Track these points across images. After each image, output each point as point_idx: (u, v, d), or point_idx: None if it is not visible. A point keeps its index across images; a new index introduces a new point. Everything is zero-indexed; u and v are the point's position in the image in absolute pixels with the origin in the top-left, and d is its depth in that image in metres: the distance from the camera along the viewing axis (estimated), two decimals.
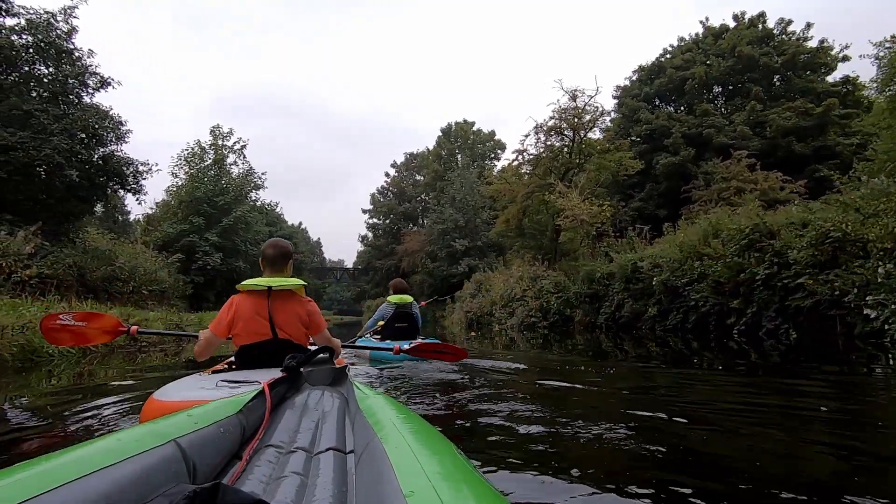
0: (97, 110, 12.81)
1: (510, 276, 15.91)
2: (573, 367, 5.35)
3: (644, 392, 3.73)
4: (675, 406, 2.92)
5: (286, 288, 2.46)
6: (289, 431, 1.29)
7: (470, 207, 28.14)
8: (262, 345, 2.40)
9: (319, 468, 1.04)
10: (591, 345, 9.51)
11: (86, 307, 9.62)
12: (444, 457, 0.81)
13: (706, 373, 5.10)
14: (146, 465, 0.82)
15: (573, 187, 13.28)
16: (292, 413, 1.44)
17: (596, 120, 15.10)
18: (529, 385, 4.03)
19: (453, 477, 0.70)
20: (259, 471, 1.02)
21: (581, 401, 3.34)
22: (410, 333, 5.63)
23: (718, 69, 26.11)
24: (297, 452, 1.13)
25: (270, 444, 1.19)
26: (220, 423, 1.13)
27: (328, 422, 1.38)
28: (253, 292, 2.44)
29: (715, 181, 22.13)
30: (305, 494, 0.91)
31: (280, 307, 2.43)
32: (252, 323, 2.40)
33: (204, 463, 0.98)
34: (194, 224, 20.69)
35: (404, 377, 4.31)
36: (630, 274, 11.77)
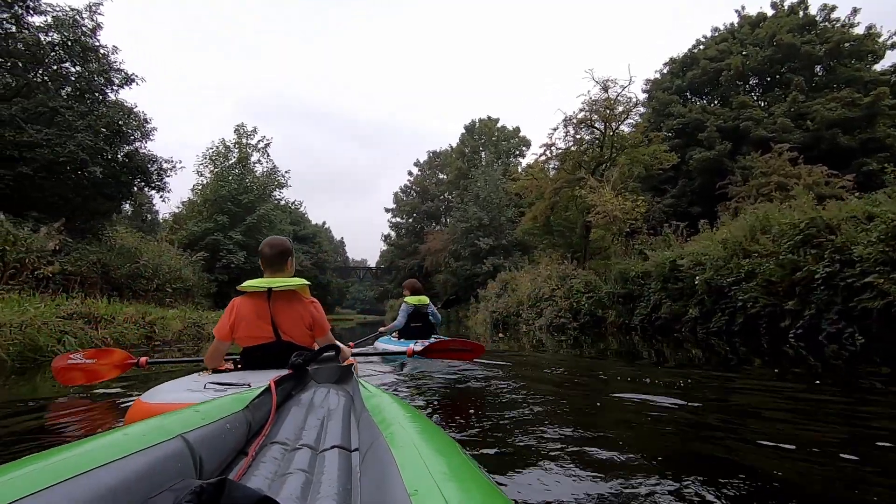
0: (121, 107, 12.78)
1: (538, 275, 15.32)
2: (597, 368, 5.01)
3: (682, 395, 3.31)
4: (720, 415, 2.69)
5: (287, 288, 2.34)
6: (294, 428, 1.31)
7: (494, 205, 27.54)
8: (265, 347, 2.33)
9: (324, 465, 1.05)
10: (625, 347, 8.90)
11: (108, 304, 9.51)
12: (449, 456, 0.80)
13: (756, 379, 4.48)
14: (153, 459, 0.82)
15: (605, 182, 12.60)
16: (298, 410, 1.45)
17: (629, 111, 14.36)
18: (546, 385, 3.81)
19: (458, 476, 0.70)
20: (265, 467, 1.04)
21: (600, 401, 3.20)
22: (426, 333, 5.75)
23: (756, 59, 24.90)
24: (303, 449, 1.14)
25: (276, 440, 1.21)
26: (227, 419, 1.14)
27: (333, 419, 1.39)
28: (253, 294, 2.35)
29: (753, 176, 21.04)
30: (310, 491, 0.92)
31: (282, 309, 2.34)
32: (253, 325, 2.32)
33: (210, 458, 0.98)
34: (218, 222, 20.73)
35: (412, 376, 4.26)
36: (668, 273, 11.07)
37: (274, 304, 2.34)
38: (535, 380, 4.17)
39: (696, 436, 2.31)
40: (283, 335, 2.34)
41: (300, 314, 2.37)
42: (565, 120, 14.86)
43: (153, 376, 4.07)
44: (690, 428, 2.44)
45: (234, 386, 1.84)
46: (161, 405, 1.71)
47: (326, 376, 1.91)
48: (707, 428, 2.45)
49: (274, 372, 1.92)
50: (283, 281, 2.36)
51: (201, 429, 1.01)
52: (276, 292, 2.34)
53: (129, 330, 7.39)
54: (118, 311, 8.01)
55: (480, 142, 35.15)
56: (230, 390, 1.74)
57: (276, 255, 2.45)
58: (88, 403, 2.97)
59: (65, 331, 5.42)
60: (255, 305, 2.34)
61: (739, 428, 2.42)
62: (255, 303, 2.34)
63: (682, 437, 2.31)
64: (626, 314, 12.45)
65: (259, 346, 2.34)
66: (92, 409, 2.80)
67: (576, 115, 14.63)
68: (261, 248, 2.51)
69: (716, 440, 2.22)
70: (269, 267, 2.46)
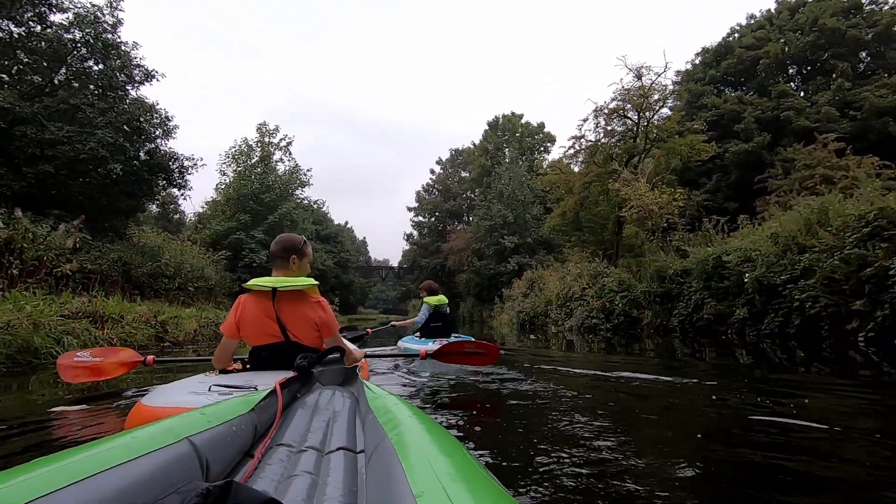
0: (142, 103, 12.63)
1: (567, 273, 14.63)
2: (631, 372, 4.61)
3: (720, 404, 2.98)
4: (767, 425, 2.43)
5: (293, 288, 2.26)
6: (300, 430, 1.32)
7: (519, 203, 26.82)
8: (273, 347, 2.27)
9: (330, 467, 1.06)
10: (663, 350, 8.21)
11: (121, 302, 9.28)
12: (456, 458, 0.79)
13: (836, 391, 3.76)
14: (160, 462, 0.83)
15: (639, 174, 11.84)
16: (304, 412, 1.47)
17: (665, 100, 13.52)
18: (564, 388, 3.67)
19: (464, 478, 0.70)
20: (271, 469, 1.05)
21: (618, 405, 3.09)
22: (445, 332, 5.93)
23: (797, 46, 23.58)
24: (308, 451, 1.15)
25: (282, 442, 1.21)
26: (233, 422, 1.14)
27: (339, 421, 1.41)
28: (259, 293, 2.27)
29: (796, 169, 19.90)
30: (316, 493, 0.92)
31: (288, 309, 2.27)
32: (259, 325, 2.26)
33: (217, 461, 0.99)
34: (241, 221, 20.63)
35: (420, 377, 4.31)
36: (711, 270, 10.27)
37: (279, 304, 2.25)
38: (553, 381, 4.00)
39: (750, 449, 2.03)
40: (290, 336, 2.26)
41: (306, 315, 2.28)
42: (596, 110, 14.14)
43: (160, 376, 3.91)
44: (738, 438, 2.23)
45: (238, 388, 1.75)
46: (163, 409, 1.65)
47: (331, 378, 1.92)
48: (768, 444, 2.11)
49: (281, 373, 1.86)
50: (289, 280, 2.28)
51: (207, 431, 1.02)
52: (282, 292, 2.25)
53: (138, 330, 7.08)
54: (129, 309, 7.72)
55: (504, 138, 34.36)
56: (235, 393, 1.67)
57: (279, 252, 2.38)
58: (86, 408, 2.88)
59: (67, 331, 5.06)
60: (261, 305, 2.26)
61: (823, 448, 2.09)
62: (261, 302, 2.26)
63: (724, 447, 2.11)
64: (664, 315, 11.68)
65: (266, 346, 2.28)
66: (91, 414, 2.69)
67: (607, 105, 13.89)
68: (270, 245, 2.48)
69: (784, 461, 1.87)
70: (276, 265, 2.41)
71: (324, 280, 36.28)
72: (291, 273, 2.40)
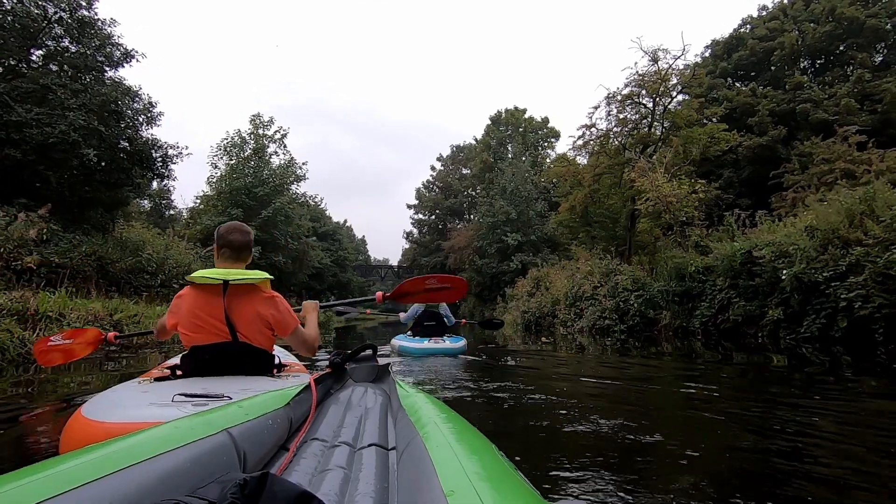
0: (119, 85, 11.71)
1: (576, 270, 13.71)
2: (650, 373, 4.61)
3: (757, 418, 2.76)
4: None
5: (248, 282, 2.00)
6: (333, 426, 1.34)
7: (522, 199, 25.86)
8: (218, 348, 1.98)
9: (362, 463, 1.06)
10: (685, 354, 7.40)
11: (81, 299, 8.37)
12: (485, 456, 0.80)
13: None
14: (200, 452, 0.84)
15: (657, 164, 10.94)
16: (337, 408, 1.49)
17: (684, 84, 12.58)
18: (584, 388, 3.74)
19: (494, 477, 0.70)
20: (305, 463, 1.07)
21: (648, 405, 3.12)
22: (439, 331, 6.08)
23: (813, 36, 22.65)
24: (341, 447, 1.16)
25: (316, 437, 1.24)
26: (269, 416, 1.16)
27: (371, 418, 1.42)
28: (205, 286, 2.00)
29: (814, 163, 19.01)
30: (349, 488, 0.93)
31: (238, 305, 1.99)
32: (203, 322, 1.97)
33: (253, 453, 1.00)
34: (232, 216, 19.69)
35: (447, 374, 4.26)
36: (739, 267, 9.37)
37: (230, 300, 1.99)
38: (581, 383, 3.94)
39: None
40: (239, 335, 1.99)
41: (259, 312, 2.03)
42: (608, 97, 13.21)
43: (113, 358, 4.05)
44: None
45: (210, 398, 1.51)
46: (123, 425, 1.36)
47: (364, 375, 1.92)
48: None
49: (241, 378, 1.80)
50: (243, 273, 2.01)
51: (245, 424, 1.03)
52: (234, 286, 2.00)
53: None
54: (79, 306, 6.80)
55: (507, 133, 33.43)
56: (211, 404, 1.45)
57: (242, 243, 2.14)
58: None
59: None
60: (207, 299, 1.99)
61: None
62: (208, 297, 2.00)
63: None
64: (684, 315, 10.77)
65: (209, 346, 2.00)
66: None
67: (620, 92, 12.97)
68: (222, 233, 2.15)
69: None
70: (231, 256, 2.12)
71: (321, 278, 35.37)
72: (242, 268, 2.13)
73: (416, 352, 5.67)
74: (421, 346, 5.78)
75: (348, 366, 1.90)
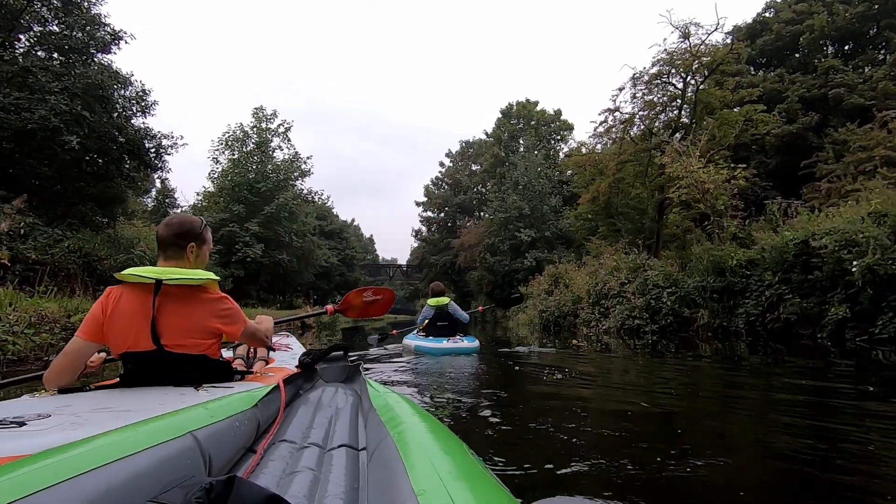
0: (106, 69, 10.88)
1: (599, 266, 12.69)
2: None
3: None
4: None
5: (186, 282, 1.73)
6: (302, 427, 1.31)
7: (536, 193, 24.80)
8: (141, 357, 1.72)
9: (332, 464, 1.05)
10: (725, 356, 6.49)
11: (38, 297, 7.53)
12: (456, 456, 0.80)
13: None
14: (163, 456, 0.82)
15: (691, 147, 9.86)
16: (306, 409, 1.48)
17: (720, 60, 11.47)
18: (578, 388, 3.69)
19: (465, 476, 0.70)
20: (273, 465, 1.04)
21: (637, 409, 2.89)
22: (451, 330, 6.31)
23: (844, 18, 21.36)
24: (311, 448, 1.15)
25: (285, 439, 1.21)
26: (236, 417, 1.13)
27: (341, 418, 1.41)
28: (137, 286, 1.73)
29: (850, 151, 17.81)
30: (318, 490, 0.92)
31: (172, 309, 1.72)
32: (129, 326, 1.70)
33: (219, 456, 0.98)
34: (234, 212, 18.90)
35: (424, 373, 4.47)
36: (793, 259, 8.32)
37: (161, 302, 1.70)
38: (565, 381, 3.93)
39: None
40: (165, 343, 1.70)
41: (197, 318, 1.75)
42: (633, 77, 12.15)
43: None
44: None
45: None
46: None
47: (334, 375, 1.88)
48: None
49: (158, 390, 1.58)
50: (179, 273, 1.72)
51: (211, 426, 1.01)
52: (169, 287, 1.70)
53: (21, 337, 5.23)
54: (26, 306, 5.95)
55: (518, 126, 32.35)
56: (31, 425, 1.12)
57: (171, 237, 1.83)
58: None
59: None
60: (137, 301, 1.70)
61: None
62: (138, 297, 1.70)
63: None
64: (724, 314, 9.72)
65: (134, 354, 1.72)
66: None
67: (647, 72, 11.89)
68: (157, 228, 1.92)
69: None
70: (162, 251, 1.85)
71: (328, 278, 34.57)
72: (187, 266, 1.82)
73: (434, 351, 5.89)
74: (439, 346, 5.99)
75: (319, 366, 1.83)
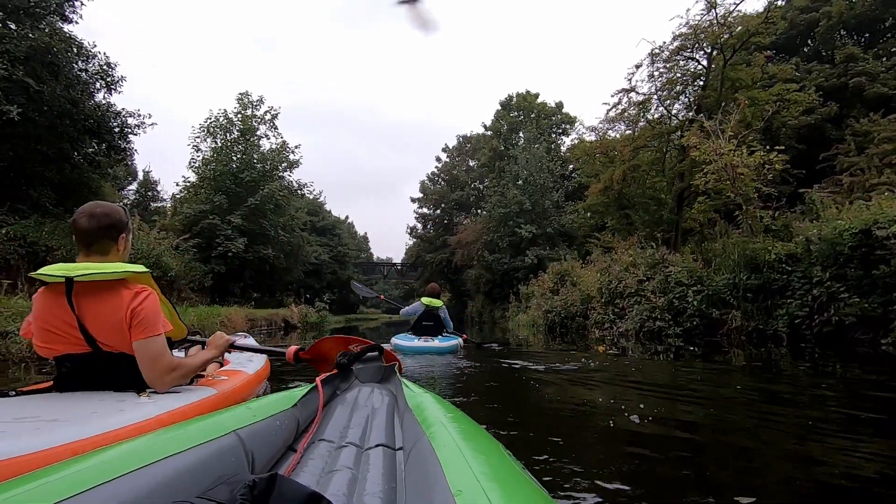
0: (57, 33, 9.56)
1: (612, 261, 11.51)
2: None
3: None
4: None
5: (100, 277, 1.59)
6: (340, 427, 1.34)
7: (538, 188, 23.58)
8: (75, 359, 1.63)
9: (370, 463, 1.06)
10: (763, 364, 5.64)
11: None
12: (493, 456, 0.81)
13: None
14: (208, 454, 0.86)
15: (726, 125, 8.65)
16: (343, 409, 1.50)
17: (753, 31, 10.26)
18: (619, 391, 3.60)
19: (501, 477, 0.69)
20: (313, 464, 1.07)
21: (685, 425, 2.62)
22: (435, 331, 6.50)
23: (863, 5, 20.32)
24: (349, 447, 1.16)
25: (323, 438, 1.24)
26: (277, 417, 1.16)
27: (378, 418, 1.42)
28: (53, 285, 1.61)
29: (874, 143, 16.78)
30: (356, 488, 0.93)
31: (94, 307, 1.60)
32: (54, 328, 1.61)
33: (261, 454, 1.01)
34: (215, 204, 17.57)
35: (455, 373, 4.53)
36: (848, 252, 7.16)
37: (79, 301, 1.59)
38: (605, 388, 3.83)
39: None
40: (102, 344, 1.60)
41: (117, 314, 1.60)
42: (652, 54, 10.95)
43: None
44: None
45: None
46: None
47: (370, 375, 1.89)
48: None
49: (93, 396, 1.53)
50: (91, 267, 1.58)
51: (253, 425, 1.04)
52: (81, 284, 1.58)
53: None
54: None
55: (518, 119, 31.15)
56: None
57: (95, 229, 1.65)
58: None
59: None
60: (54, 301, 1.60)
61: None
62: (55, 297, 1.60)
63: None
64: (760, 315, 8.54)
65: (67, 356, 1.63)
66: None
67: (667, 47, 10.70)
68: (73, 218, 1.71)
69: None
70: (82, 246, 1.68)
71: (319, 275, 33.26)
72: (114, 259, 1.69)
73: (407, 349, 5.87)
74: (412, 345, 5.99)
75: (354, 366, 1.85)
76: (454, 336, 6.67)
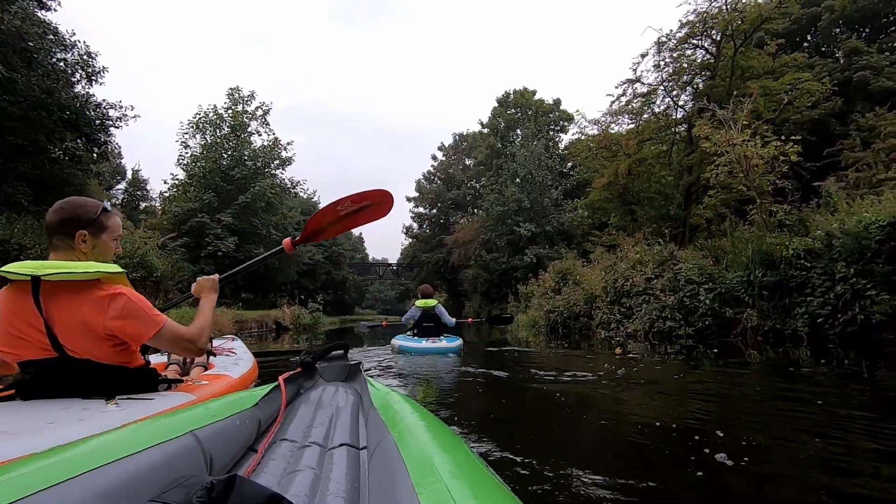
0: (29, 17, 8.99)
1: (618, 259, 11.06)
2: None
3: None
4: None
5: (68, 277, 1.44)
6: (303, 426, 1.29)
7: (536, 185, 23.13)
8: (43, 366, 1.50)
9: (333, 463, 1.04)
10: (780, 366, 5.26)
11: None
12: (457, 454, 0.79)
13: None
14: (164, 455, 0.81)
15: (739, 114, 8.22)
16: (307, 408, 1.45)
17: (766, 16, 9.82)
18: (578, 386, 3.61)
19: (465, 475, 0.69)
20: (274, 464, 1.03)
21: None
22: (437, 331, 6.56)
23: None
24: (312, 447, 1.13)
25: (285, 438, 1.20)
26: (237, 416, 1.12)
27: (342, 417, 1.39)
28: (18, 283, 1.48)
29: (881, 138, 16.46)
30: (319, 489, 0.90)
31: (61, 309, 1.46)
32: (18, 330, 1.47)
33: (220, 455, 0.97)
34: (204, 202, 16.99)
35: (422, 373, 4.42)
36: (874, 246, 6.74)
37: (46, 302, 1.45)
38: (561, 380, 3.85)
39: None
40: (69, 350, 1.47)
41: (92, 319, 1.46)
42: (658, 42, 10.51)
43: None
44: None
45: None
46: None
47: (335, 374, 1.87)
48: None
49: (57, 404, 1.39)
50: (60, 266, 1.45)
51: (212, 425, 0.99)
52: (49, 283, 1.45)
53: None
54: None
55: (516, 116, 30.69)
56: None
57: (56, 224, 1.53)
58: None
59: None
60: (19, 301, 1.45)
61: None
62: (20, 297, 1.45)
63: None
64: (777, 314, 8.10)
65: (34, 363, 1.49)
66: None
67: (674, 35, 10.26)
68: (47, 214, 1.61)
69: None
70: (50, 242, 1.58)
71: (313, 276, 32.71)
72: (77, 258, 1.54)
73: (413, 350, 5.97)
74: (418, 346, 6.06)
75: (319, 365, 1.84)
76: (456, 337, 6.70)
